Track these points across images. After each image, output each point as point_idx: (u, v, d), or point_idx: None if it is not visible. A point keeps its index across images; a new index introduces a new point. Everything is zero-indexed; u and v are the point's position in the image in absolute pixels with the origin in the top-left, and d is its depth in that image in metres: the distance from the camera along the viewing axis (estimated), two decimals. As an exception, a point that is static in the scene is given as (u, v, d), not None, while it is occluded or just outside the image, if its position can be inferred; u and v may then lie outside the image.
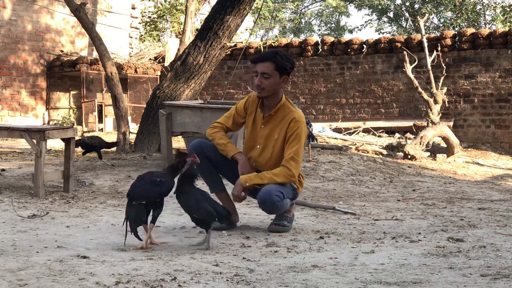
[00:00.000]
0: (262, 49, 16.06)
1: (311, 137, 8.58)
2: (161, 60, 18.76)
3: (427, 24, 26.88)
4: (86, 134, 15.91)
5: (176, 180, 4.33)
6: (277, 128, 4.95)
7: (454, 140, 11.97)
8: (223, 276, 3.38)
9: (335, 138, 12.68)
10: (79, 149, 8.90)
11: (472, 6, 24.92)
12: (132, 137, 10.91)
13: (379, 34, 31.29)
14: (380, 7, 28.55)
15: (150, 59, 18.90)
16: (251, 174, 4.86)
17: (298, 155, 4.87)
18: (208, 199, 4.35)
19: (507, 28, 16.80)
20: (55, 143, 11.45)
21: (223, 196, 5.13)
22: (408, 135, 13.64)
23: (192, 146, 5.04)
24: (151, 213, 4.29)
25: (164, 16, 21.12)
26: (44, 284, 3.13)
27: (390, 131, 14.64)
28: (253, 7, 14.33)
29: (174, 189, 4.31)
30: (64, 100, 17.99)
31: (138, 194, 4.22)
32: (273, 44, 16.55)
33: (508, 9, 24.31)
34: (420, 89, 12.75)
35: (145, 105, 11.27)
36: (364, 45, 15.98)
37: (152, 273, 3.40)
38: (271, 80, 4.87)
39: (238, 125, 5.16)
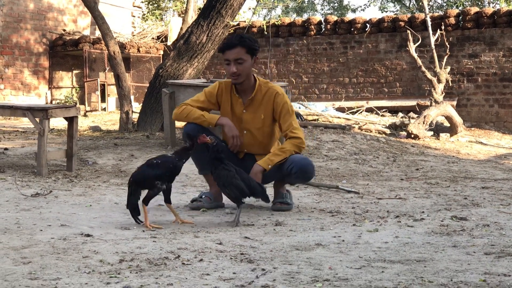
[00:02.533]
0: (265, 28, 16.00)
1: (299, 116, 8.44)
2: (163, 39, 18.70)
3: (430, 3, 26.72)
4: (88, 113, 15.90)
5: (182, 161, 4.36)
6: (261, 108, 4.93)
7: (457, 119, 11.94)
8: (226, 255, 3.38)
9: (338, 118, 12.66)
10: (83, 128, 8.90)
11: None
12: (135, 117, 10.91)
13: (382, 13, 31.13)
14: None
15: (152, 38, 18.84)
16: (265, 157, 4.83)
17: (296, 122, 4.93)
18: (242, 175, 4.40)
19: (511, 7, 16.71)
20: (58, 122, 11.44)
21: (211, 178, 4.87)
22: (411, 114, 13.61)
23: (191, 130, 4.85)
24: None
25: (167, -5, 21.03)
26: (48, 262, 3.13)
27: (393, 111, 14.61)
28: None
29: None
30: (66, 79, 17.96)
31: (135, 177, 4.28)
32: (276, 23, 16.48)
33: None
34: (423, 68, 12.70)
35: (148, 85, 11.24)
36: (367, 24, 15.92)
37: (156, 251, 3.40)
38: (245, 64, 4.83)
39: (207, 111, 5.02)
